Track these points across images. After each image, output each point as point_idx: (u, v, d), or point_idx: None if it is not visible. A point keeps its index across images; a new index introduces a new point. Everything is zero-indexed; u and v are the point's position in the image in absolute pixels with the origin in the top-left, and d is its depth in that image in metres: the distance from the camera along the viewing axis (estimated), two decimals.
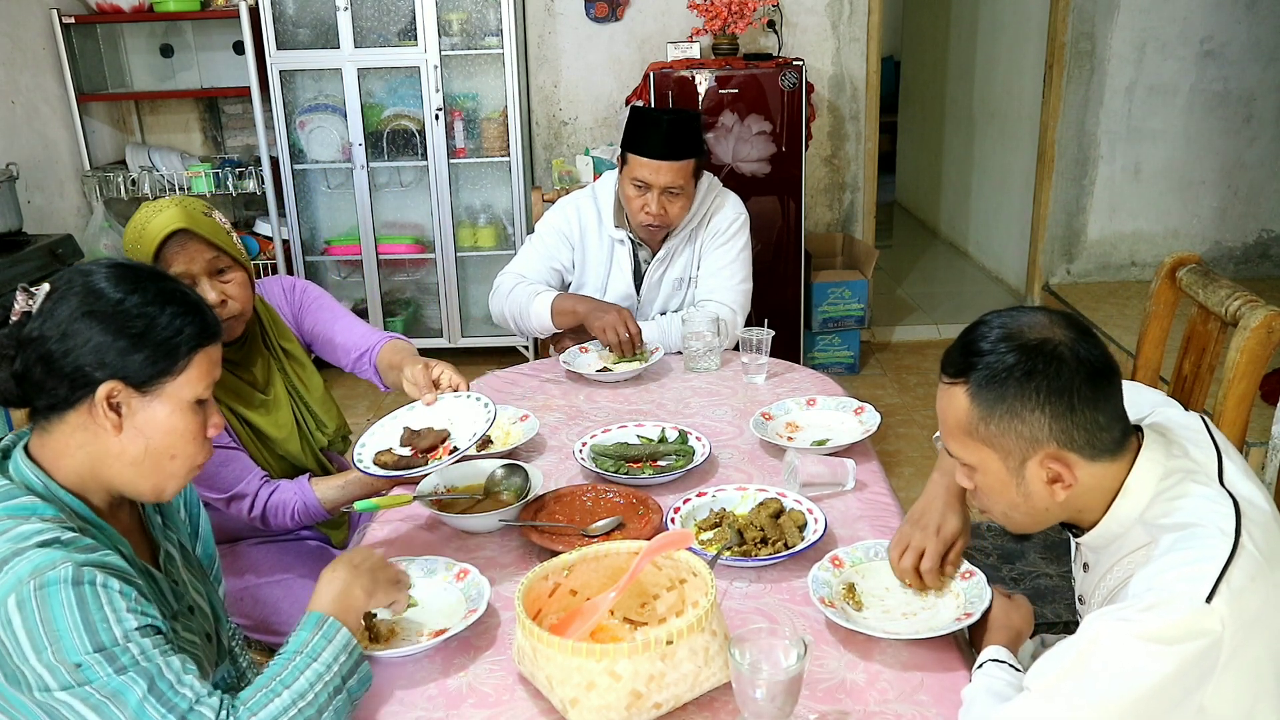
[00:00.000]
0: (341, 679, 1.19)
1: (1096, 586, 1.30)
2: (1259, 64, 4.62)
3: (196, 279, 1.76)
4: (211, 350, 1.23)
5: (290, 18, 4.23)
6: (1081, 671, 1.08)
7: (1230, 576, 1.07)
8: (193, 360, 1.20)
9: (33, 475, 1.18)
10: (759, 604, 1.46)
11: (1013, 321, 1.22)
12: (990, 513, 1.31)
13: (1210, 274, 1.92)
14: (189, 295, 1.23)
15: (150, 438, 1.20)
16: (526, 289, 2.50)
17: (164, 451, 1.21)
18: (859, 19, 4.47)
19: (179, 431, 1.21)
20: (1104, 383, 1.19)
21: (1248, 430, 1.79)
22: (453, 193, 4.40)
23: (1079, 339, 1.19)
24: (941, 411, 1.27)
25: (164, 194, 4.37)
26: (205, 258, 1.76)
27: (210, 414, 1.26)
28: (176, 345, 1.18)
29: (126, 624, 1.09)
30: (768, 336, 2.26)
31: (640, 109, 2.42)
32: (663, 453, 1.89)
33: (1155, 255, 4.87)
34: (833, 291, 4.32)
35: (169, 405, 1.20)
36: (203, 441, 1.25)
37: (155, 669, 1.08)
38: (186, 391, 1.21)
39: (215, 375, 1.25)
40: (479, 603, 1.40)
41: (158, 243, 1.72)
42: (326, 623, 1.23)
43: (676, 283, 2.56)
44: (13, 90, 3.91)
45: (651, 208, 2.39)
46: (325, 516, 1.86)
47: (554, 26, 4.48)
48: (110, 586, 1.09)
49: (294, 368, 1.99)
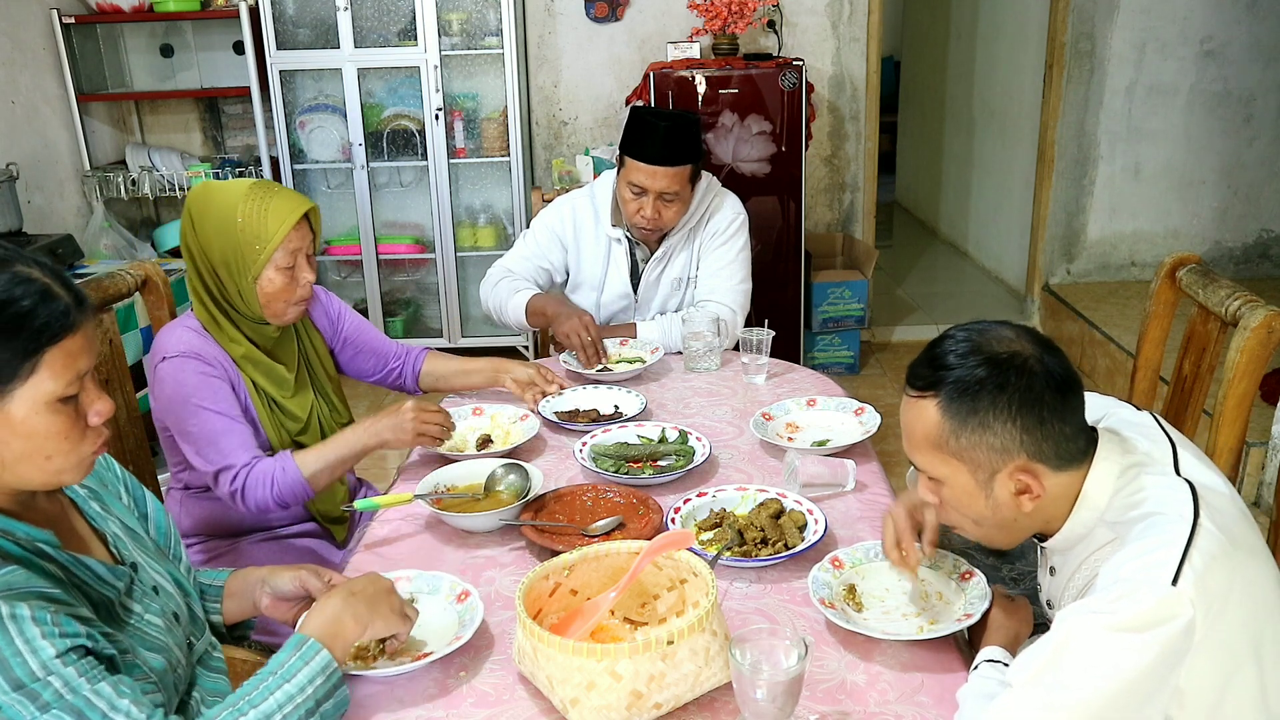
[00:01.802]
0: (315, 702, 1.15)
1: (1065, 588, 1.32)
2: (1259, 64, 4.61)
3: (298, 259, 1.85)
4: (68, 344, 1.09)
5: (290, 18, 4.22)
6: (1058, 667, 1.09)
7: (1191, 558, 1.09)
8: (42, 360, 1.07)
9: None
10: (759, 604, 1.46)
11: (979, 335, 1.24)
12: (958, 526, 1.31)
13: (1210, 274, 1.92)
14: (34, 282, 1.08)
15: (11, 443, 1.08)
16: (510, 284, 2.53)
17: (35, 453, 1.10)
18: (859, 19, 4.46)
19: (43, 434, 1.09)
20: (1070, 395, 1.22)
21: (1248, 430, 1.79)
22: (453, 193, 4.40)
23: (1045, 352, 1.22)
24: (908, 425, 1.28)
25: (164, 194, 4.38)
26: (308, 240, 1.87)
27: (91, 400, 1.14)
28: (17, 346, 1.06)
29: (44, 654, 1.01)
30: (768, 336, 2.26)
31: (639, 111, 2.41)
32: (663, 453, 1.89)
33: (1155, 255, 4.87)
34: (833, 291, 4.32)
35: (25, 408, 1.08)
36: (80, 435, 1.13)
37: (82, 701, 1.02)
38: (41, 393, 1.08)
39: (79, 366, 1.11)
40: (468, 630, 1.36)
41: (298, 217, 1.81)
42: (306, 644, 1.19)
43: (675, 283, 2.56)
44: (13, 90, 3.91)
45: (646, 212, 2.39)
46: (306, 488, 1.78)
47: (554, 26, 4.48)
48: (20, 615, 1.01)
49: (318, 360, 2.07)
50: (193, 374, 1.79)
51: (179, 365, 1.79)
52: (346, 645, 1.24)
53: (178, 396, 1.78)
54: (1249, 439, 1.83)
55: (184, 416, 1.78)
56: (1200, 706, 1.11)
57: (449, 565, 1.59)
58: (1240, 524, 1.18)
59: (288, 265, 1.83)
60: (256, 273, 1.81)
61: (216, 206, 1.81)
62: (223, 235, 1.80)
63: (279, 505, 1.79)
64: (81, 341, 1.11)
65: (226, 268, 1.82)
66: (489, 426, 2.06)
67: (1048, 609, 1.42)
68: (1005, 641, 1.31)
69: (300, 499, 1.81)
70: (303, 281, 1.86)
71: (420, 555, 1.63)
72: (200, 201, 1.83)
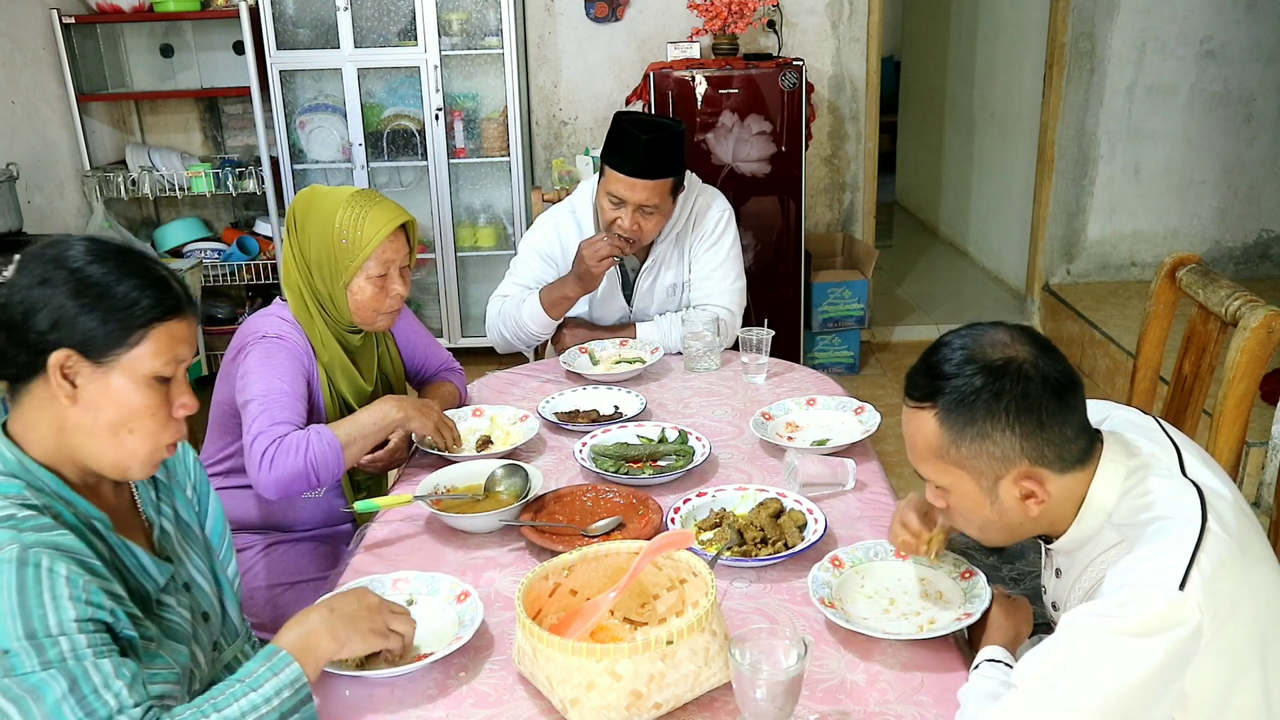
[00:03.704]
0: (280, 715, 1.14)
1: (1071, 591, 1.32)
2: (1259, 64, 4.61)
3: (390, 270, 1.89)
4: (174, 326, 1.19)
5: (290, 18, 4.23)
6: (1064, 669, 1.09)
7: (1199, 562, 1.08)
8: (149, 334, 1.16)
9: (5, 450, 1.16)
10: (759, 604, 1.46)
11: (974, 342, 1.23)
12: (966, 530, 1.32)
13: (1210, 274, 1.92)
14: (155, 269, 1.20)
15: (103, 410, 1.16)
16: (513, 303, 2.48)
17: (119, 425, 1.17)
18: (859, 19, 4.46)
19: (134, 406, 1.17)
20: (1069, 396, 1.21)
21: (1248, 430, 1.79)
22: (453, 193, 4.40)
23: (1041, 354, 1.21)
24: (910, 435, 1.28)
25: (164, 194, 4.38)
26: (403, 253, 1.91)
27: (179, 394, 1.22)
28: (131, 316, 1.15)
29: (64, 613, 1.05)
30: (768, 336, 2.26)
31: (622, 120, 2.35)
32: (663, 453, 1.89)
33: (1155, 255, 4.86)
34: (833, 291, 4.32)
35: (124, 378, 1.16)
36: (165, 420, 1.21)
37: (80, 670, 1.05)
38: (143, 366, 1.17)
39: (179, 353, 1.20)
40: (468, 630, 1.36)
41: (394, 228, 1.86)
42: (277, 655, 1.18)
43: (670, 289, 2.53)
44: (13, 90, 3.91)
45: (624, 223, 2.33)
46: (340, 454, 1.76)
47: (554, 26, 4.48)
48: (56, 571, 1.06)
49: (391, 368, 2.15)
50: (283, 353, 1.85)
51: (275, 344, 1.85)
52: (320, 661, 1.23)
53: (259, 367, 1.82)
54: (1249, 439, 1.83)
55: (253, 381, 1.80)
56: (1204, 710, 1.11)
57: (449, 566, 1.59)
58: (1245, 528, 1.17)
59: (379, 274, 1.88)
60: (348, 279, 1.86)
61: (318, 210, 1.87)
62: (321, 239, 1.86)
63: (313, 472, 1.73)
64: (185, 329, 1.21)
65: (321, 270, 1.88)
66: (489, 427, 2.06)
67: (1052, 611, 1.41)
68: (1005, 641, 1.31)
69: (335, 469, 1.76)
70: (393, 293, 1.91)
71: (420, 556, 1.63)
72: (305, 203, 1.90)
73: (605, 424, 2.03)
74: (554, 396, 2.18)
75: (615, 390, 2.21)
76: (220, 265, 4.42)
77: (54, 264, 1.15)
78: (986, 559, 2.01)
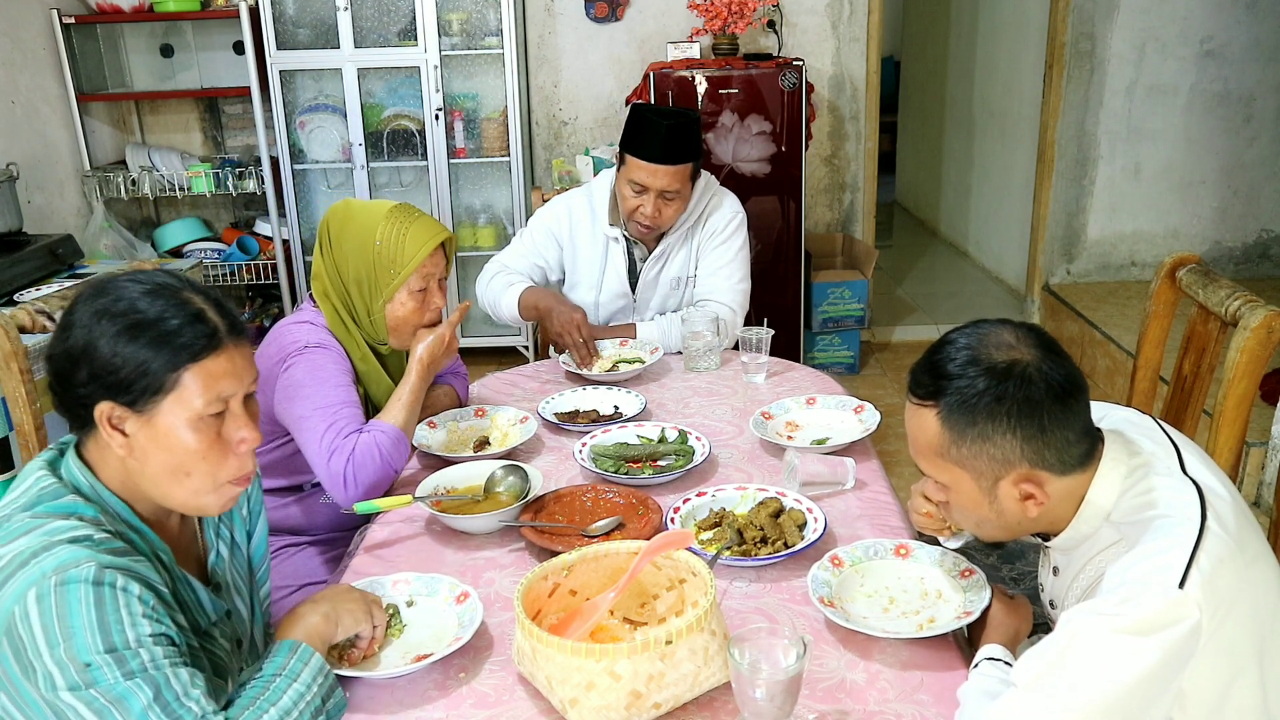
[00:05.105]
0: (321, 700, 1.19)
1: (1069, 589, 1.32)
2: (1259, 64, 4.61)
3: (430, 284, 1.91)
4: (210, 364, 1.16)
5: (290, 18, 4.22)
6: (1063, 668, 1.09)
7: (1199, 560, 1.08)
8: (182, 377, 1.14)
9: (80, 476, 1.17)
10: (759, 604, 1.46)
11: (979, 341, 1.22)
12: (965, 526, 1.32)
13: (1210, 274, 1.92)
14: (190, 304, 1.17)
15: (155, 455, 1.16)
16: (504, 279, 2.54)
17: (175, 469, 1.17)
18: (859, 19, 4.46)
19: (185, 449, 1.16)
20: (1073, 400, 1.20)
21: (1248, 430, 1.79)
22: (453, 193, 4.40)
23: (1046, 357, 1.20)
24: (912, 431, 1.28)
25: (164, 194, 4.38)
26: (442, 266, 1.94)
27: (235, 428, 1.20)
28: (160, 363, 1.13)
29: (140, 629, 1.07)
30: (767, 336, 2.26)
31: (641, 109, 2.41)
32: (663, 453, 1.89)
33: (1155, 255, 4.86)
34: (833, 291, 4.32)
35: (168, 422, 1.15)
36: (221, 459, 1.20)
37: (163, 678, 1.07)
38: (184, 410, 1.15)
39: (222, 389, 1.17)
40: (467, 631, 1.36)
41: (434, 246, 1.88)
42: (300, 648, 1.22)
43: (674, 282, 2.56)
44: (13, 90, 3.91)
45: (647, 210, 2.39)
46: (404, 437, 1.83)
47: (554, 26, 4.48)
48: (130, 590, 1.08)
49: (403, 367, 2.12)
50: (330, 362, 1.86)
51: (320, 354, 1.86)
52: (324, 647, 1.27)
53: (310, 381, 1.81)
54: (1249, 439, 1.83)
55: (309, 395, 1.80)
56: (1202, 708, 1.11)
57: (449, 567, 1.59)
58: (1244, 527, 1.17)
59: (420, 288, 1.90)
60: (389, 296, 1.88)
61: (356, 226, 1.87)
62: (360, 254, 1.86)
63: (391, 470, 1.79)
64: (225, 364, 1.18)
65: (359, 286, 1.89)
66: (488, 428, 2.06)
67: (1050, 609, 1.42)
68: (1005, 639, 1.31)
69: (406, 453, 1.84)
70: (433, 306, 1.94)
71: (420, 557, 1.63)
72: (340, 218, 1.90)
73: (605, 424, 2.03)
74: (554, 397, 2.18)
75: (615, 390, 2.21)
76: (220, 265, 4.42)
77: (89, 312, 1.15)
78: (986, 558, 2.01)
